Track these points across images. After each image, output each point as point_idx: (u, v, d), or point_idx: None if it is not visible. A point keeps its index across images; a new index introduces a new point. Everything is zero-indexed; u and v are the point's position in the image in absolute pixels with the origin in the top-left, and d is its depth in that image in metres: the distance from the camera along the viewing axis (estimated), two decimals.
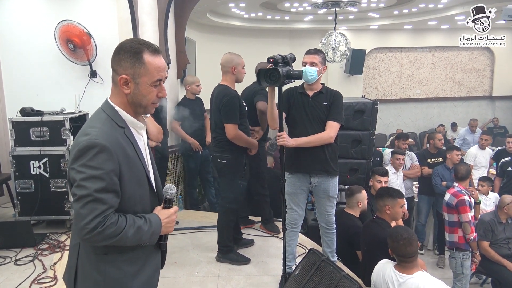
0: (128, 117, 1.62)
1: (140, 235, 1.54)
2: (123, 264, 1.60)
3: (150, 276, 1.71)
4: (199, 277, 3.49)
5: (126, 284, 1.61)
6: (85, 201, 1.44)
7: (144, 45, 1.58)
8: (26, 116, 4.07)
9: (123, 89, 1.58)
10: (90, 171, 1.45)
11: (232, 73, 3.58)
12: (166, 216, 1.65)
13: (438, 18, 10.33)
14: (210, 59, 9.26)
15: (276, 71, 2.84)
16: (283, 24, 11.25)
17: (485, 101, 12.86)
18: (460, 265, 4.41)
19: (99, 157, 1.46)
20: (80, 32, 4.48)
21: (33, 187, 4.06)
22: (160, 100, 1.67)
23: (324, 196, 3.25)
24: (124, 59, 1.56)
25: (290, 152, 3.18)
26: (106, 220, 1.45)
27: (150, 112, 1.68)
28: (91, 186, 1.44)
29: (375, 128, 4.33)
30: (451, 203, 4.38)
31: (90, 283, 1.59)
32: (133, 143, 1.61)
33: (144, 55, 1.56)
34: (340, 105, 3.19)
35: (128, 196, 1.56)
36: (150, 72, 1.57)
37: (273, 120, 3.11)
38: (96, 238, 1.45)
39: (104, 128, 1.54)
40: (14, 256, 3.65)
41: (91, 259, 1.58)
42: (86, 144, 1.47)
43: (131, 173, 1.57)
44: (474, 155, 6.44)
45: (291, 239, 3.32)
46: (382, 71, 12.47)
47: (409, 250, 2.72)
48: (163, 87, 1.65)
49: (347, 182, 4.42)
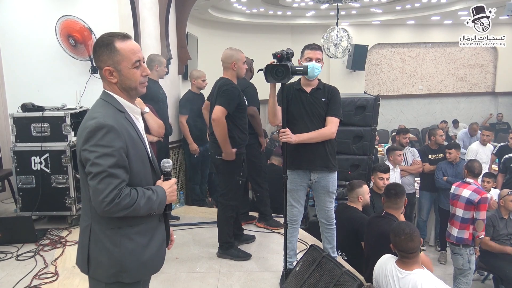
0: (126, 102, 1.78)
1: (150, 204, 1.71)
2: (135, 236, 1.75)
3: (159, 247, 1.87)
4: (200, 272, 3.49)
5: (139, 254, 1.77)
6: (101, 177, 1.59)
7: (113, 35, 1.73)
8: (27, 112, 4.06)
9: (110, 79, 1.74)
10: (102, 150, 1.61)
11: (232, 69, 3.57)
12: (169, 186, 1.83)
13: (441, 14, 10.28)
14: (211, 55, 9.24)
15: (284, 67, 2.80)
16: (285, 19, 11.21)
17: (488, 97, 12.82)
18: (468, 261, 4.41)
19: (108, 136, 1.62)
20: (81, 27, 4.46)
21: (34, 182, 4.06)
22: (146, 79, 1.80)
23: (324, 192, 3.25)
24: (101, 54, 1.72)
25: (289, 149, 3.14)
26: (121, 192, 1.61)
27: (142, 92, 1.81)
28: (104, 163, 1.60)
29: (376, 124, 4.32)
30: (473, 199, 4.31)
31: (105, 256, 1.73)
32: (133, 126, 1.77)
33: (115, 44, 1.71)
34: (338, 101, 3.19)
35: (135, 173, 1.72)
36: (126, 56, 1.72)
37: (275, 116, 3.07)
38: (115, 209, 1.61)
39: (108, 111, 1.70)
40: (16, 251, 3.65)
41: (106, 234, 1.72)
42: (95, 125, 1.62)
43: (135, 152, 1.73)
44: (476, 151, 6.41)
45: (292, 235, 3.32)
46: (385, 66, 12.43)
47: (410, 245, 2.71)
48: (144, 66, 1.80)
49: (349, 178, 4.41)
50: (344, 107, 4.20)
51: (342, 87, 11.15)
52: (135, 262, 1.76)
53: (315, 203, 3.40)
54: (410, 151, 5.95)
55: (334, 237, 3.41)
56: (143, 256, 1.78)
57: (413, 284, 2.63)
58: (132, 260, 1.75)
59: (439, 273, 5.36)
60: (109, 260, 1.72)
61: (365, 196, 3.97)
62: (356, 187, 3.98)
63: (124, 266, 1.74)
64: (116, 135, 1.63)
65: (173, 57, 5.46)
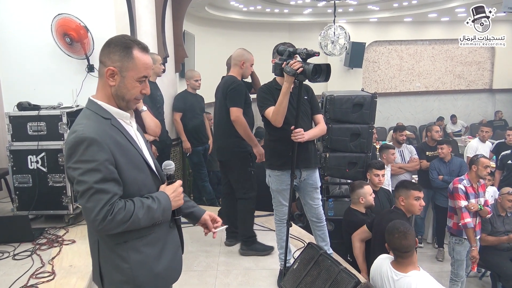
0: (113, 108, 1.66)
1: (151, 214, 1.60)
2: (145, 247, 1.66)
3: (173, 255, 1.78)
4: (198, 271, 3.49)
5: (151, 266, 1.68)
6: (88, 195, 1.50)
7: (134, 41, 1.65)
8: (23, 111, 4.04)
9: (109, 80, 1.62)
10: (85, 165, 1.50)
11: (240, 67, 3.70)
12: (172, 191, 1.71)
13: (438, 11, 10.28)
14: (209, 53, 9.26)
15: (329, 66, 2.79)
16: (282, 17, 11.20)
17: (485, 94, 12.84)
18: (452, 249, 4.49)
19: (90, 150, 1.51)
20: (77, 25, 4.43)
21: (31, 181, 4.04)
22: (142, 97, 1.71)
23: (312, 188, 3.27)
24: (113, 52, 1.62)
25: (279, 150, 3.13)
26: (113, 207, 1.50)
27: (131, 107, 1.72)
28: (89, 180, 1.49)
29: (374, 122, 4.30)
30: (450, 188, 4.52)
31: (117, 274, 1.65)
32: (122, 132, 1.65)
33: (134, 50, 1.62)
34: (316, 97, 3.30)
35: (130, 182, 1.61)
36: (137, 68, 1.62)
37: (283, 117, 3.01)
38: (109, 227, 1.51)
39: (90, 122, 1.58)
40: (12, 251, 3.63)
41: (114, 250, 1.63)
42: (74, 140, 1.52)
43: (127, 160, 1.61)
44: (475, 148, 6.42)
45: (285, 234, 3.31)
46: (382, 64, 12.43)
47: (403, 243, 2.70)
48: (147, 84, 1.70)
49: (346, 175, 4.40)
50: (341, 105, 4.21)
51: (340, 85, 11.23)
52: (147, 275, 1.67)
53: (303, 203, 3.39)
54: (407, 149, 5.95)
55: (327, 234, 3.42)
56: (156, 267, 1.69)
57: (408, 287, 2.62)
58: (144, 273, 1.66)
59: (436, 270, 5.38)
60: (121, 276, 1.64)
61: (366, 197, 3.92)
62: (357, 188, 3.95)
63: (137, 281, 1.65)
64: (98, 147, 1.51)
65: (170, 55, 5.44)
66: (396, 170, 5.64)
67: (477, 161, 4.32)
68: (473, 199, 4.30)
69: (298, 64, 2.74)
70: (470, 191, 4.31)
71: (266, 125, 3.17)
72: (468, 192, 4.30)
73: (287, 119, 3.03)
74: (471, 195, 4.30)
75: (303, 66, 2.74)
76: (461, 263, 4.42)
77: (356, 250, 3.68)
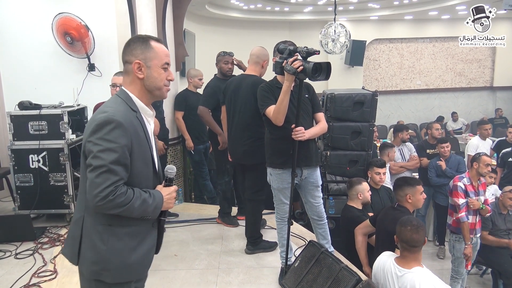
0: (140, 103, 1.78)
1: (145, 207, 1.69)
2: (125, 236, 1.73)
3: (146, 253, 1.83)
4: (199, 269, 3.50)
5: (125, 256, 1.74)
6: (100, 171, 1.59)
7: (149, 36, 1.81)
8: (24, 110, 4.05)
9: (138, 74, 1.74)
10: (106, 144, 1.61)
11: (262, 66, 3.66)
12: (168, 193, 1.81)
13: (439, 8, 10.27)
14: (209, 51, 9.22)
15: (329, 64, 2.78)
16: (282, 15, 11.19)
17: (486, 92, 12.83)
18: (452, 246, 4.49)
19: (115, 131, 1.62)
20: (77, 25, 4.44)
21: (33, 181, 4.05)
22: (170, 83, 1.83)
23: (313, 187, 3.26)
24: (134, 48, 1.75)
25: (280, 148, 3.11)
26: (117, 190, 1.60)
27: (164, 96, 1.84)
28: (106, 158, 1.59)
29: (374, 120, 4.30)
30: (450, 186, 4.50)
31: (93, 252, 1.71)
32: (143, 126, 1.77)
33: (151, 42, 1.77)
34: (316, 95, 3.28)
35: (136, 173, 1.71)
36: (159, 55, 1.76)
37: (284, 115, 2.99)
38: (107, 206, 1.59)
39: (120, 108, 1.70)
40: (14, 250, 3.65)
41: (97, 229, 1.70)
42: (104, 119, 1.62)
43: (140, 152, 1.72)
44: (476, 146, 6.41)
45: (286, 232, 3.32)
46: (383, 62, 12.42)
47: (414, 237, 2.70)
48: (171, 71, 1.83)
49: (347, 173, 4.40)
50: (342, 103, 4.21)
51: (340, 83, 11.21)
52: (119, 263, 1.73)
53: (304, 201, 3.39)
54: (407, 147, 5.94)
55: (328, 232, 3.42)
56: (129, 258, 1.74)
57: (412, 283, 2.61)
58: (117, 260, 1.72)
59: (437, 268, 5.38)
60: (94, 256, 1.70)
61: (364, 193, 3.96)
62: (355, 184, 3.98)
63: (107, 265, 1.71)
64: (123, 131, 1.63)
65: (171, 54, 5.44)
66: (397, 169, 5.63)
67: (479, 158, 4.32)
68: (474, 197, 4.30)
69: (299, 62, 2.74)
70: (470, 190, 4.30)
71: (267, 123, 3.17)
72: (468, 191, 4.29)
73: (287, 117, 3.01)
74: (471, 193, 4.29)
75: (303, 64, 2.74)
76: (462, 261, 4.42)
77: (359, 244, 3.69)
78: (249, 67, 3.72)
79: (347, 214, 3.95)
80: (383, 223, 3.43)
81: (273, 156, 3.18)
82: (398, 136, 5.89)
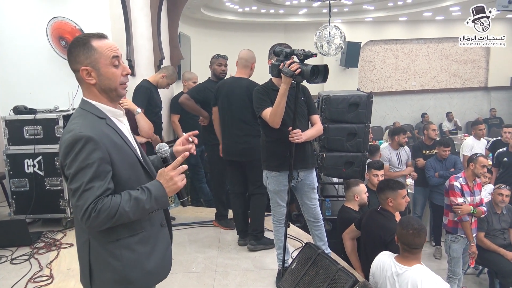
0: (106, 107, 1.67)
1: (141, 205, 1.56)
2: (137, 245, 1.67)
3: (163, 252, 1.80)
4: (196, 272, 3.49)
5: (143, 263, 1.69)
6: (79, 193, 1.51)
7: (88, 35, 1.65)
8: (19, 115, 4.04)
9: (89, 80, 1.63)
10: (80, 164, 1.52)
11: (250, 69, 3.78)
12: (165, 176, 1.63)
13: (433, 10, 10.33)
14: (204, 54, 9.23)
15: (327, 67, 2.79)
16: (277, 17, 11.22)
17: (480, 92, 12.89)
18: (448, 246, 4.51)
19: (86, 148, 1.52)
20: (72, 29, 4.43)
21: (28, 185, 4.04)
22: (127, 79, 1.70)
23: (309, 189, 3.27)
24: (77, 55, 1.62)
25: (276, 151, 3.12)
26: (97, 205, 1.50)
27: (122, 94, 1.70)
28: (82, 178, 1.51)
29: (370, 121, 4.31)
30: (446, 185, 4.52)
31: (109, 272, 1.65)
32: (117, 131, 1.67)
33: (92, 42, 1.62)
34: (312, 98, 3.30)
35: (124, 180, 1.63)
36: (103, 53, 1.62)
37: (281, 118, 3.00)
38: (96, 223, 1.51)
39: (85, 121, 1.60)
40: (10, 255, 3.63)
41: (106, 248, 1.64)
42: (71, 139, 1.53)
43: (122, 159, 1.63)
44: (471, 146, 6.44)
45: (283, 234, 3.32)
46: (378, 63, 12.47)
47: (416, 241, 2.71)
48: (124, 65, 1.69)
49: (343, 175, 4.41)
50: (337, 105, 4.22)
51: (336, 85, 11.23)
52: (140, 272, 1.68)
53: (300, 203, 3.39)
54: (404, 151, 5.92)
55: (324, 233, 3.43)
56: (148, 265, 1.70)
57: (413, 281, 2.62)
58: (136, 271, 1.68)
59: (434, 268, 5.37)
60: (113, 274, 1.65)
61: (361, 195, 3.97)
62: (353, 185, 3.99)
63: (129, 278, 1.67)
64: (95, 145, 1.53)
65: (166, 57, 5.44)
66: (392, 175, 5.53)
67: (476, 159, 4.34)
68: (469, 197, 4.32)
69: (296, 65, 2.75)
70: (465, 189, 4.32)
71: (263, 126, 3.17)
72: (463, 190, 4.32)
73: (284, 120, 3.02)
74: (466, 193, 4.32)
75: (300, 67, 2.75)
76: (458, 261, 4.44)
77: (348, 248, 3.70)
78: (239, 70, 3.83)
79: (343, 215, 3.96)
80: (367, 227, 3.46)
81: (269, 159, 3.19)
82: (395, 139, 5.88)
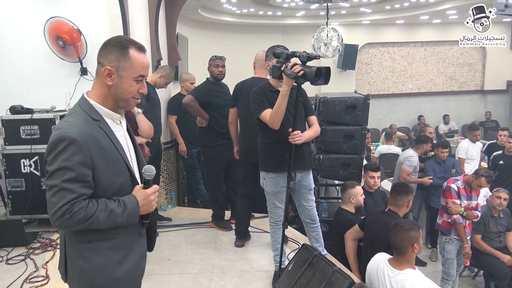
0: (103, 109, 1.67)
1: (114, 217, 1.58)
2: (107, 251, 1.65)
3: (136, 263, 1.76)
4: (193, 274, 3.49)
5: (111, 271, 1.66)
6: (54, 190, 1.52)
7: (130, 41, 1.67)
8: (16, 114, 4.03)
9: (106, 80, 1.64)
10: (60, 163, 1.52)
11: (266, 69, 3.70)
12: (143, 198, 1.67)
13: (430, 13, 10.37)
14: (202, 55, 9.23)
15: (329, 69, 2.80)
16: (275, 19, 11.24)
17: (476, 95, 12.94)
18: (442, 248, 4.54)
19: (68, 149, 1.52)
20: (69, 29, 4.42)
21: (24, 185, 4.02)
22: (140, 96, 1.71)
23: (306, 190, 3.28)
24: (110, 52, 1.63)
25: (274, 152, 3.12)
26: (73, 207, 1.51)
27: (130, 108, 1.74)
28: (60, 177, 1.52)
29: (367, 123, 4.33)
30: (443, 186, 4.55)
31: (77, 271, 1.66)
32: (109, 135, 1.65)
33: (130, 50, 1.64)
34: (309, 99, 3.33)
35: (105, 185, 1.61)
36: (134, 67, 1.64)
37: (281, 119, 3.01)
38: (67, 224, 1.53)
39: (77, 121, 1.59)
40: (6, 255, 3.62)
41: (76, 248, 1.64)
42: (56, 137, 1.54)
43: (107, 164, 1.61)
44: (466, 149, 6.47)
45: (280, 235, 3.32)
46: (375, 66, 12.50)
47: (392, 239, 2.80)
48: (145, 84, 1.72)
49: (340, 177, 4.42)
50: (334, 107, 4.23)
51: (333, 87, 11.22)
52: (106, 278, 1.65)
53: (297, 205, 3.40)
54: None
55: (321, 235, 3.43)
56: (116, 272, 1.66)
57: (403, 284, 2.66)
58: (102, 277, 1.64)
59: (430, 270, 5.41)
60: (79, 276, 1.65)
61: (357, 197, 3.98)
62: (349, 187, 4.00)
63: (93, 283, 1.64)
64: (77, 148, 1.52)
65: (163, 58, 5.44)
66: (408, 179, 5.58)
67: (479, 178, 4.29)
68: (465, 200, 4.33)
69: (299, 67, 2.76)
70: (462, 193, 4.34)
71: (261, 127, 3.17)
72: (460, 193, 4.33)
73: (282, 121, 3.04)
74: (463, 196, 4.33)
75: (303, 69, 2.76)
76: (452, 262, 4.46)
77: (348, 249, 3.71)
78: (258, 71, 3.88)
79: (340, 217, 3.98)
80: (371, 228, 3.47)
81: (267, 160, 3.19)
82: (422, 147, 5.81)
